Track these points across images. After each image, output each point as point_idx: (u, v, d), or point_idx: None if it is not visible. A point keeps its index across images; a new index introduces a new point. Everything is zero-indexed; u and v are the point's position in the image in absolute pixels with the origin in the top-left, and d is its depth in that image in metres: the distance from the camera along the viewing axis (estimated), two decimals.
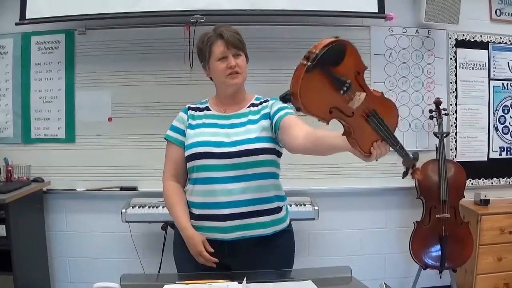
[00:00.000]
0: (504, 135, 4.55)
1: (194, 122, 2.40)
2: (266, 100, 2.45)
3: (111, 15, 3.89)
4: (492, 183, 4.57)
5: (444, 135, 4.20)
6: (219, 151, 2.25)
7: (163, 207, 3.75)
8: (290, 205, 2.49)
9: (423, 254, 4.10)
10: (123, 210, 3.81)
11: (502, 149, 4.57)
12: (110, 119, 4.27)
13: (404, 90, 4.39)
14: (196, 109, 2.47)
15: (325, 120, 1.54)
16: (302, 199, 4.00)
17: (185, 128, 2.41)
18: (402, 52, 4.40)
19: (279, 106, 2.35)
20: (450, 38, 4.44)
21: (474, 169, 4.47)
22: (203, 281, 1.99)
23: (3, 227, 3.61)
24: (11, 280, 3.63)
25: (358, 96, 1.55)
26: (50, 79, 4.27)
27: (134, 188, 4.27)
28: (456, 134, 4.48)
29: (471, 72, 4.49)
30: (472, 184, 4.46)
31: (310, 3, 3.90)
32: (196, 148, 2.30)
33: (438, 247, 4.04)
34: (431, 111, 4.29)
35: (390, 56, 4.38)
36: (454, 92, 4.46)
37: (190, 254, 2.29)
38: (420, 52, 4.42)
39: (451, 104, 4.46)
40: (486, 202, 4.30)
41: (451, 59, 4.45)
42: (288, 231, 2.43)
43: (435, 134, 4.23)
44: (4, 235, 3.62)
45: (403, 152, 1.84)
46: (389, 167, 4.34)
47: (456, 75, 4.45)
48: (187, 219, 2.32)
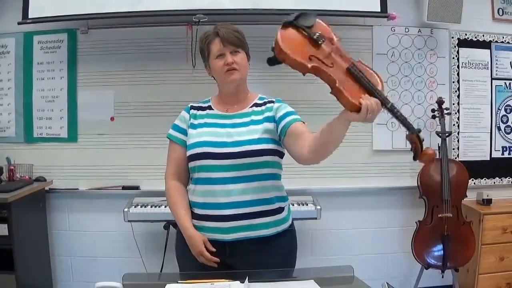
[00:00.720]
0: (506, 135, 4.55)
1: (196, 122, 2.40)
2: (271, 101, 2.43)
3: (113, 15, 3.89)
4: (494, 183, 4.57)
5: (447, 134, 4.20)
6: (220, 152, 2.25)
7: (165, 206, 3.75)
8: (292, 204, 2.48)
9: (425, 254, 4.09)
10: (125, 209, 3.80)
11: (505, 148, 4.57)
12: (112, 119, 4.28)
13: (406, 90, 4.39)
14: (198, 108, 2.46)
15: (306, 68, 1.83)
16: (304, 198, 3.99)
17: (187, 128, 2.41)
18: (405, 51, 4.39)
19: (285, 110, 2.36)
20: (453, 38, 4.43)
21: (477, 168, 4.46)
22: (205, 280, 1.99)
23: (6, 226, 3.61)
24: (13, 279, 3.63)
25: (329, 44, 1.88)
26: (53, 78, 4.28)
27: (137, 187, 4.27)
28: (458, 133, 4.47)
29: (474, 72, 4.48)
30: (474, 183, 4.46)
31: (313, 2, 3.91)
32: (198, 148, 2.29)
33: (440, 246, 4.03)
34: (433, 110, 4.29)
35: (392, 55, 4.38)
36: (456, 91, 4.46)
37: (191, 252, 2.29)
38: (423, 51, 4.41)
39: (453, 104, 4.46)
40: (489, 202, 4.30)
41: (453, 58, 4.44)
42: (290, 230, 2.42)
43: (437, 133, 4.22)
44: (6, 234, 3.62)
45: (399, 114, 1.88)
46: (391, 167, 4.36)
47: (458, 74, 4.45)
48: (189, 219, 2.32)
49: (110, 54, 4.23)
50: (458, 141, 4.48)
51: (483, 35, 4.48)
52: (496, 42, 4.51)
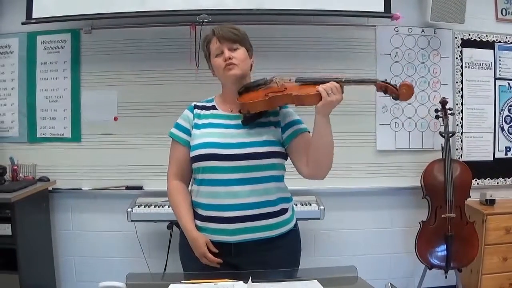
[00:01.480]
0: (510, 135, 4.54)
1: (201, 122, 2.38)
2: None
3: (117, 15, 3.89)
4: (497, 183, 4.56)
5: (450, 134, 4.19)
6: (225, 153, 2.24)
7: (168, 207, 3.73)
8: (295, 204, 2.48)
9: (429, 254, 4.09)
10: (129, 210, 3.80)
11: (508, 148, 4.56)
12: (116, 119, 4.28)
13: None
14: (202, 107, 2.45)
15: (266, 101, 2.24)
16: (307, 198, 3.99)
17: (190, 127, 2.39)
18: (408, 51, 4.39)
19: (292, 118, 2.38)
20: (456, 38, 4.43)
21: (480, 169, 4.46)
22: (209, 280, 1.99)
23: (9, 226, 3.62)
24: (17, 279, 3.63)
25: (276, 79, 2.35)
26: (56, 79, 4.28)
27: (140, 188, 4.27)
28: (462, 133, 4.47)
29: (477, 72, 4.48)
30: (477, 184, 4.45)
31: (316, 2, 3.90)
32: (203, 149, 2.28)
33: (444, 247, 4.03)
34: (437, 110, 4.28)
35: (396, 55, 4.38)
36: (460, 91, 4.45)
37: (194, 253, 2.29)
38: (426, 51, 4.41)
39: (457, 104, 4.45)
40: (492, 202, 4.29)
41: (457, 58, 4.44)
42: (294, 230, 2.42)
43: (441, 133, 4.22)
44: (10, 234, 3.62)
45: (356, 80, 2.27)
46: (395, 167, 4.36)
47: (462, 74, 4.45)
48: (191, 221, 2.31)
49: (113, 54, 4.24)
50: (461, 141, 4.47)
51: (487, 35, 4.48)
52: (500, 42, 4.50)
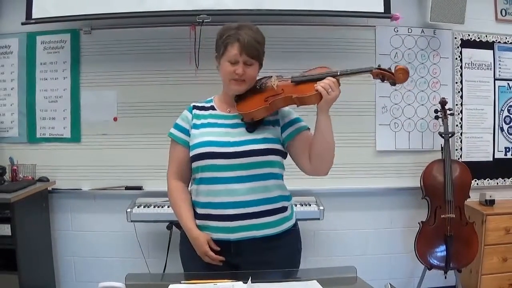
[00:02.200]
0: (509, 135, 4.55)
1: (199, 122, 2.39)
2: None
3: (116, 15, 3.89)
4: (497, 184, 4.56)
5: (450, 135, 4.19)
6: (224, 151, 2.24)
7: (168, 207, 3.74)
8: (295, 205, 2.49)
9: (428, 255, 4.09)
10: (128, 210, 3.81)
11: (508, 149, 4.56)
12: (115, 119, 4.28)
13: (409, 90, 4.39)
14: (201, 108, 2.45)
15: (267, 107, 2.27)
16: (307, 199, 4.00)
17: (189, 128, 2.40)
18: (408, 52, 4.39)
19: (292, 117, 2.39)
20: (456, 38, 4.43)
21: (480, 169, 4.46)
22: (208, 280, 1.99)
23: (8, 226, 3.62)
24: (16, 280, 3.63)
25: (271, 81, 2.35)
26: (56, 79, 4.28)
27: (139, 188, 4.27)
28: (461, 134, 4.47)
29: (477, 72, 4.48)
30: (477, 184, 4.46)
31: (316, 3, 3.90)
32: (201, 148, 2.28)
33: (443, 247, 4.03)
34: (436, 111, 4.28)
35: (395, 56, 4.38)
36: (459, 92, 4.45)
37: (196, 253, 2.29)
38: (426, 52, 4.41)
39: (456, 104, 4.45)
40: (491, 203, 4.29)
41: (456, 59, 4.44)
42: (294, 230, 2.42)
43: (440, 134, 4.22)
44: (9, 234, 3.62)
45: (351, 70, 2.26)
46: (394, 168, 4.36)
47: (461, 75, 4.45)
48: (192, 220, 2.32)
49: (113, 55, 4.24)
50: (461, 141, 4.47)
51: (486, 36, 4.48)
52: (499, 42, 4.51)
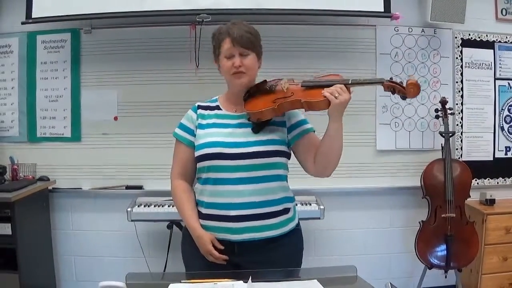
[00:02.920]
0: (510, 135, 4.54)
1: (205, 122, 2.38)
2: None
3: (117, 14, 3.89)
4: (497, 183, 4.56)
5: (450, 134, 4.19)
6: (230, 152, 2.24)
7: (168, 206, 3.76)
8: (296, 204, 2.47)
9: (429, 254, 4.09)
10: (129, 209, 3.80)
11: (508, 148, 4.56)
12: (116, 118, 4.28)
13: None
14: (206, 107, 2.44)
15: (275, 109, 2.24)
16: (307, 198, 3.99)
17: (194, 128, 2.39)
18: (408, 51, 4.39)
19: (298, 118, 2.39)
20: (456, 38, 4.43)
21: (480, 168, 4.46)
22: (209, 280, 1.99)
23: (9, 225, 3.62)
24: (17, 279, 3.64)
25: (282, 84, 2.32)
26: (56, 78, 4.28)
27: (140, 187, 4.27)
28: (462, 133, 4.47)
29: (477, 72, 4.48)
30: (477, 183, 4.45)
31: (316, 2, 3.90)
32: (207, 148, 2.28)
33: (444, 246, 4.03)
34: (437, 110, 4.28)
35: (396, 55, 4.37)
36: (460, 91, 4.45)
37: (198, 251, 2.30)
38: (426, 51, 4.41)
39: (456, 104, 4.45)
40: (492, 202, 4.29)
41: (457, 58, 4.44)
42: (297, 230, 2.43)
43: (441, 133, 4.22)
44: (10, 233, 3.62)
45: (363, 80, 2.25)
46: (395, 167, 4.35)
47: (462, 74, 4.45)
48: (196, 219, 2.32)
49: (113, 54, 4.23)
50: (461, 141, 4.47)
51: (487, 35, 4.48)
52: (500, 42, 4.50)
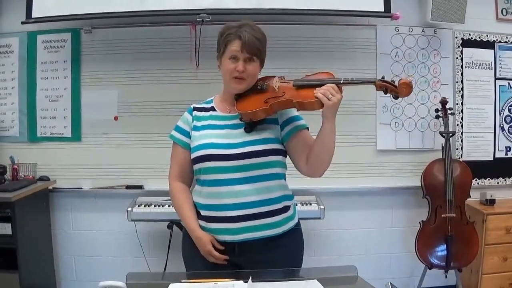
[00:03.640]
0: (510, 135, 4.54)
1: (200, 124, 2.38)
2: None
3: (117, 14, 3.89)
4: (498, 183, 4.56)
5: (450, 134, 4.18)
6: (226, 153, 2.24)
7: (169, 206, 3.76)
8: (296, 204, 2.47)
9: (429, 254, 4.09)
10: (129, 209, 3.81)
11: (508, 148, 4.56)
12: (116, 118, 4.28)
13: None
14: (201, 109, 2.44)
15: (267, 109, 2.24)
16: (307, 198, 3.99)
17: (189, 130, 2.40)
18: (408, 51, 4.39)
19: (290, 115, 2.38)
20: (456, 38, 4.43)
21: (480, 168, 4.46)
22: (209, 280, 1.99)
23: (9, 225, 3.62)
24: (17, 279, 3.64)
25: (273, 83, 2.34)
26: (56, 78, 4.28)
27: (140, 187, 4.27)
28: (462, 133, 4.47)
29: (477, 72, 4.48)
30: (478, 183, 4.45)
31: (316, 2, 3.90)
32: (202, 150, 2.28)
33: (444, 246, 4.03)
34: (437, 110, 4.28)
35: (396, 55, 4.37)
36: (460, 91, 4.45)
37: (199, 252, 2.30)
38: (426, 51, 4.41)
39: (457, 104, 4.45)
40: (492, 202, 4.29)
41: (457, 58, 4.44)
42: (297, 229, 2.43)
43: (441, 133, 4.22)
44: (10, 233, 3.62)
45: (355, 79, 2.21)
46: (395, 167, 4.35)
47: (462, 74, 4.44)
48: (195, 220, 2.32)
49: (113, 54, 4.23)
50: (461, 141, 4.47)
51: (487, 35, 4.48)
52: (500, 42, 4.50)
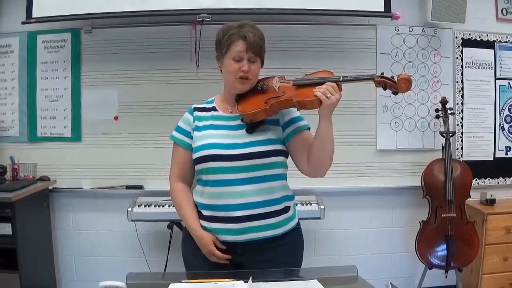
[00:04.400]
0: (510, 135, 4.54)
1: (201, 124, 2.38)
2: None
3: (117, 14, 3.90)
4: (498, 183, 4.56)
5: (450, 134, 4.18)
6: (229, 153, 2.24)
7: (169, 206, 3.76)
8: (296, 204, 2.48)
9: (429, 254, 4.09)
10: (129, 209, 3.80)
11: (508, 148, 4.56)
12: (116, 118, 4.28)
13: (410, 89, 4.38)
14: (202, 109, 2.44)
15: (267, 109, 2.23)
16: (308, 198, 3.99)
17: (191, 130, 2.39)
18: (408, 51, 4.39)
19: (292, 116, 2.38)
20: (456, 37, 4.43)
21: (480, 168, 4.46)
22: (209, 280, 1.99)
23: (9, 225, 3.62)
24: (17, 279, 3.64)
25: (273, 82, 2.34)
26: (56, 78, 4.28)
27: (140, 187, 4.27)
28: (462, 133, 4.46)
29: (478, 72, 4.47)
30: (478, 183, 4.45)
31: (317, 2, 3.90)
32: (205, 150, 2.28)
33: (444, 246, 4.03)
34: (437, 110, 4.28)
35: (396, 55, 4.37)
36: (460, 91, 4.45)
37: (199, 252, 2.30)
38: (426, 51, 4.40)
39: (457, 104, 4.45)
40: (492, 202, 4.29)
41: (457, 58, 4.44)
42: (297, 229, 2.43)
43: (441, 133, 4.22)
44: (10, 233, 3.62)
45: (353, 77, 2.21)
46: (395, 167, 4.35)
47: (462, 74, 4.44)
48: (196, 220, 2.32)
49: (114, 54, 4.23)
50: (461, 141, 4.47)
51: (487, 35, 4.48)
52: (500, 42, 4.50)
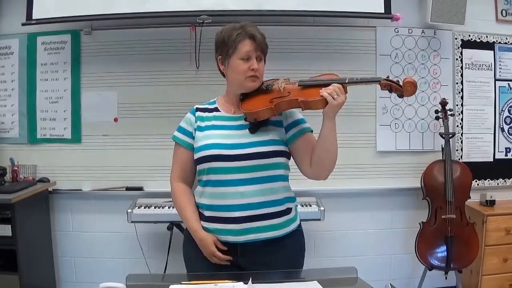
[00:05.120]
0: (510, 136, 4.54)
1: (203, 124, 2.38)
2: None
3: (117, 16, 3.90)
4: (498, 184, 4.56)
5: (450, 135, 4.19)
6: (230, 154, 2.24)
7: (169, 207, 3.75)
8: (296, 205, 2.48)
9: (429, 255, 4.09)
10: (129, 210, 3.80)
11: (508, 149, 4.56)
12: (116, 120, 4.28)
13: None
14: (204, 110, 2.44)
15: (272, 109, 2.23)
16: (308, 199, 3.98)
17: (193, 130, 2.39)
18: (408, 52, 4.39)
19: (295, 118, 2.38)
20: (456, 39, 4.43)
21: (480, 169, 4.46)
22: (209, 281, 1.99)
23: (9, 227, 3.62)
24: (17, 280, 3.64)
25: (278, 83, 2.33)
26: (56, 80, 4.28)
27: (140, 188, 4.27)
28: (462, 134, 4.47)
29: (477, 73, 4.48)
30: (478, 185, 4.46)
31: (317, 3, 3.90)
32: (207, 150, 2.28)
33: (444, 248, 4.03)
34: (437, 111, 4.28)
35: (396, 56, 4.37)
36: (460, 92, 4.45)
37: (201, 253, 2.30)
38: (426, 52, 4.41)
39: (457, 105, 4.45)
40: (492, 203, 4.28)
41: (457, 59, 4.44)
42: (298, 230, 2.44)
43: (441, 134, 4.22)
44: (10, 235, 3.62)
45: (359, 79, 2.23)
46: (395, 168, 4.35)
47: (462, 75, 4.45)
48: (197, 222, 2.32)
49: (113, 55, 4.23)
50: (461, 142, 4.47)
51: (487, 36, 4.48)
52: (500, 43, 4.50)
